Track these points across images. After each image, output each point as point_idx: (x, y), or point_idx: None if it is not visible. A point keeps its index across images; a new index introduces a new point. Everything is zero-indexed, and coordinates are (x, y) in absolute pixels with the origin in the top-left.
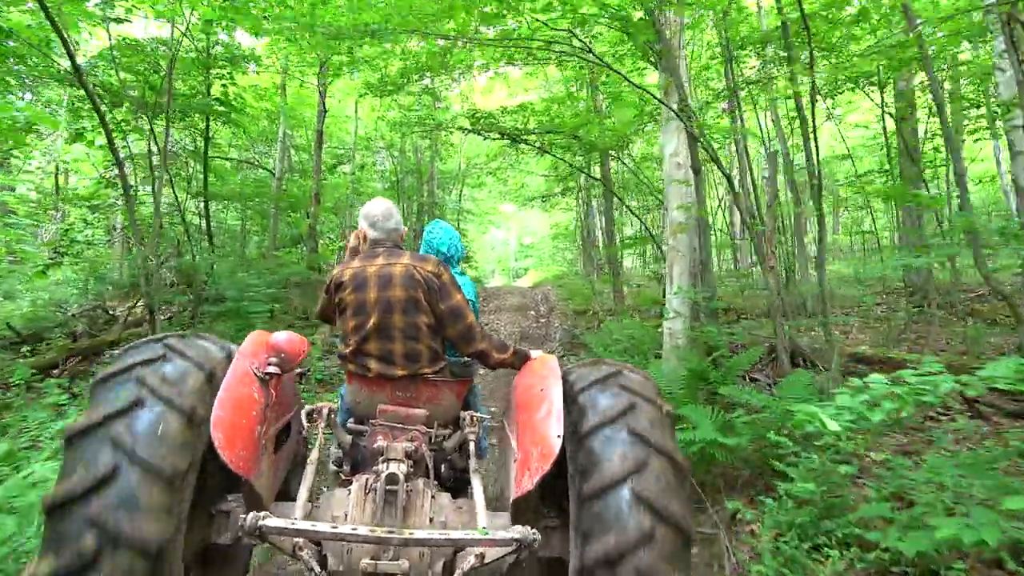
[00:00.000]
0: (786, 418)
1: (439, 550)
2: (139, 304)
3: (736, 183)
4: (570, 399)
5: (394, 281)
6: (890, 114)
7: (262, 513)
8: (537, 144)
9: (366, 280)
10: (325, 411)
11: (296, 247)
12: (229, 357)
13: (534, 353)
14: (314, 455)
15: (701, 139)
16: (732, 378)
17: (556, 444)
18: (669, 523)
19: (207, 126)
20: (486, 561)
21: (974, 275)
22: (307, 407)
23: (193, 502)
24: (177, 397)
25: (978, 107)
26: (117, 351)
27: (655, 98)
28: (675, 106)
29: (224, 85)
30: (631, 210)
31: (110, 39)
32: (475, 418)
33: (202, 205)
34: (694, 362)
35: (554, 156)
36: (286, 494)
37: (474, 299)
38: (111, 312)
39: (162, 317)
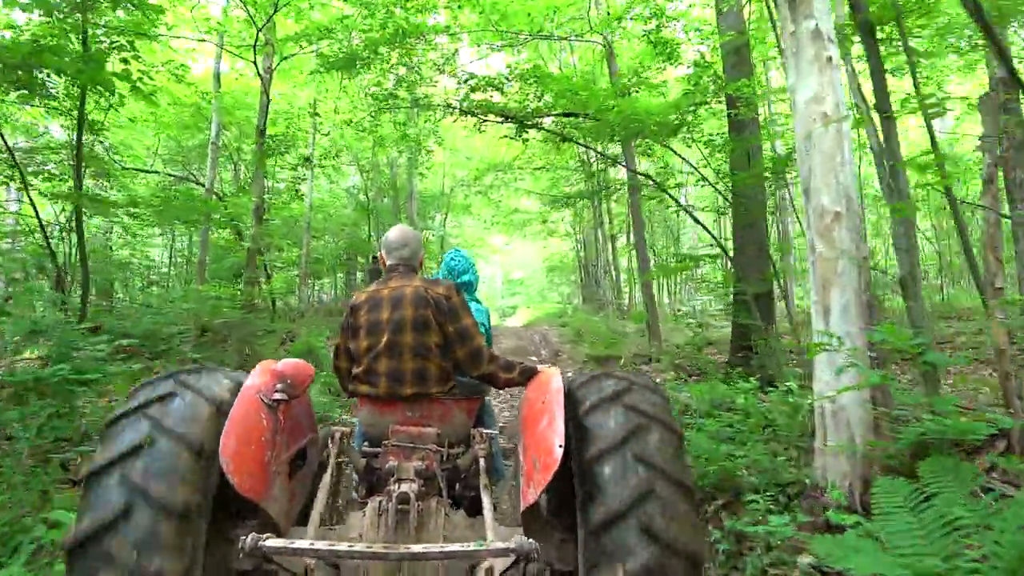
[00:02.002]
0: None
1: (455, 568)
2: None
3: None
4: (575, 420)
5: (405, 301)
6: None
7: (264, 535)
8: (549, 129)
9: (380, 301)
10: (338, 435)
11: (235, 280)
12: (239, 388)
13: (540, 368)
14: (326, 479)
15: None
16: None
17: (558, 453)
18: (679, 554)
19: (82, 100)
20: (496, 575)
21: None
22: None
23: (213, 530)
24: (188, 432)
25: None
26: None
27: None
28: None
29: (125, 59)
30: (689, 213)
31: None
32: (485, 435)
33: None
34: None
35: (580, 144)
36: (305, 520)
37: (487, 325)
38: None
39: None
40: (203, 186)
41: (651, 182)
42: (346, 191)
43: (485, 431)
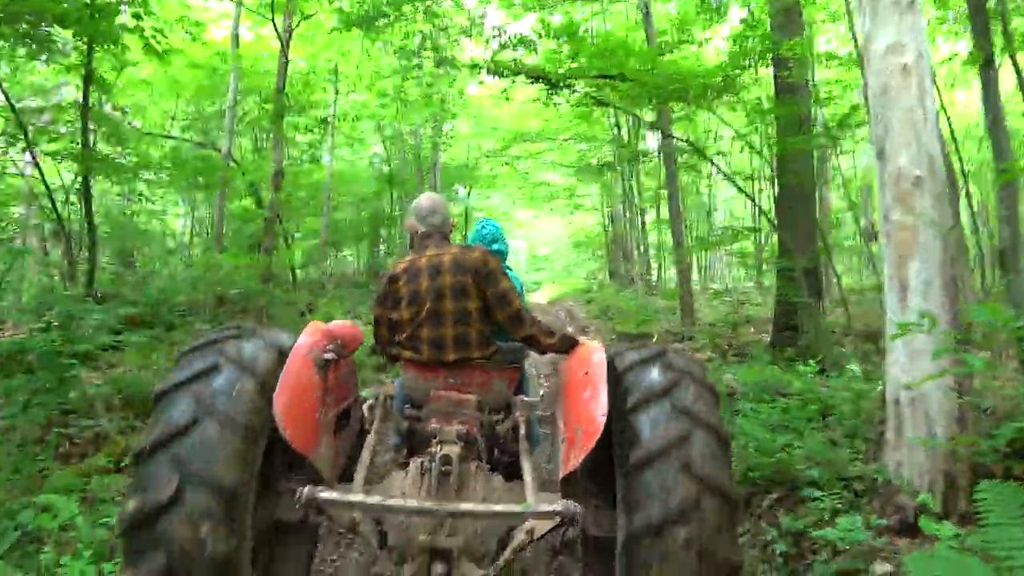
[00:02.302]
0: None
1: (493, 527)
2: None
3: None
4: (615, 379)
5: (444, 269)
6: None
7: (319, 487)
8: (583, 90)
9: (419, 271)
10: (383, 397)
11: (255, 250)
12: (281, 355)
13: (581, 339)
14: (371, 439)
15: None
16: None
17: (600, 422)
18: (715, 491)
19: (88, 54)
20: (536, 537)
21: None
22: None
23: (262, 481)
24: (232, 411)
25: None
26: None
27: None
28: None
29: (137, 14)
30: (732, 181)
31: None
32: (525, 403)
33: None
34: None
35: (616, 107)
36: (349, 478)
37: (521, 293)
38: None
39: None
40: (216, 150)
41: (692, 148)
42: (369, 161)
43: (526, 399)
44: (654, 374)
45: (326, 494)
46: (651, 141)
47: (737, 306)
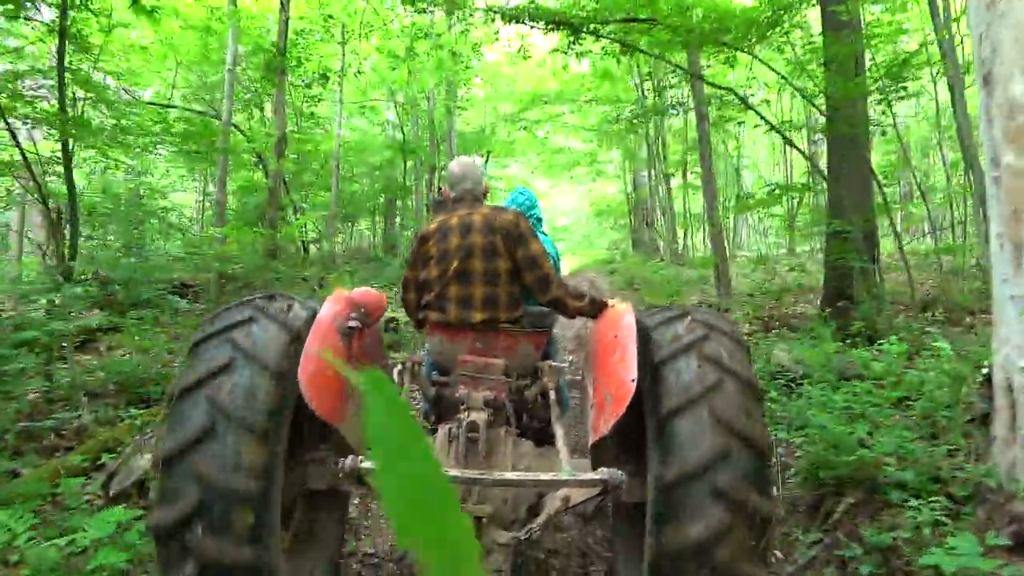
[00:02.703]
0: None
1: (523, 494)
2: None
3: None
4: (644, 338)
5: (474, 228)
6: None
7: (360, 457)
8: (608, 36)
9: (449, 230)
10: (410, 364)
11: (259, 223)
12: (312, 315)
13: (610, 302)
14: None
15: None
16: None
17: (631, 387)
18: (745, 440)
19: (63, 7)
20: (571, 504)
21: None
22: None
23: (290, 452)
24: (266, 356)
25: None
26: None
27: None
28: None
29: None
30: (781, 133)
31: None
32: (553, 367)
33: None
34: None
35: (647, 54)
36: None
37: (555, 256)
38: None
39: None
40: (216, 118)
41: (732, 95)
42: (381, 128)
43: (553, 363)
44: (681, 329)
45: (368, 463)
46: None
47: (772, 274)
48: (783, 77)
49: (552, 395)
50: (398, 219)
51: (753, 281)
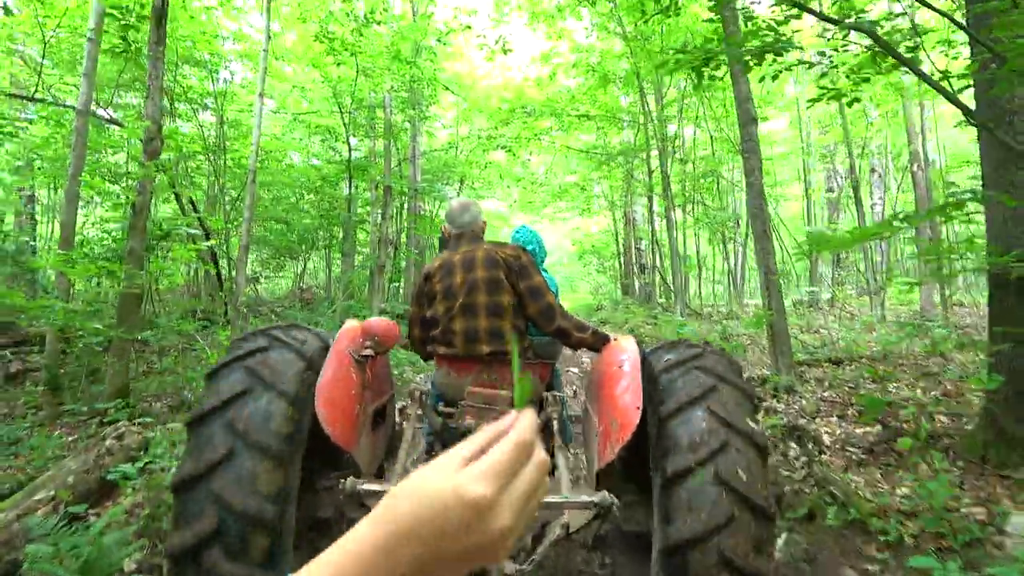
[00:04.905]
0: None
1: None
2: None
3: None
4: (650, 379)
5: (477, 263)
6: None
7: (360, 480)
8: None
9: (453, 266)
10: (417, 394)
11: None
12: (326, 345)
13: (613, 335)
14: (408, 434)
15: None
16: None
17: (636, 415)
18: (750, 505)
19: None
20: (571, 531)
21: None
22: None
23: (302, 480)
24: (282, 382)
25: None
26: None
27: None
28: None
29: None
30: (948, 96)
31: None
32: (555, 398)
33: None
34: None
35: None
36: (382, 474)
37: (555, 290)
38: None
39: None
40: (117, 122)
41: (872, 39)
42: (321, 136)
43: (556, 394)
44: (691, 379)
45: (368, 485)
46: (681, 128)
47: (921, 331)
48: (943, 14)
49: (555, 425)
50: (367, 258)
51: (805, 343)
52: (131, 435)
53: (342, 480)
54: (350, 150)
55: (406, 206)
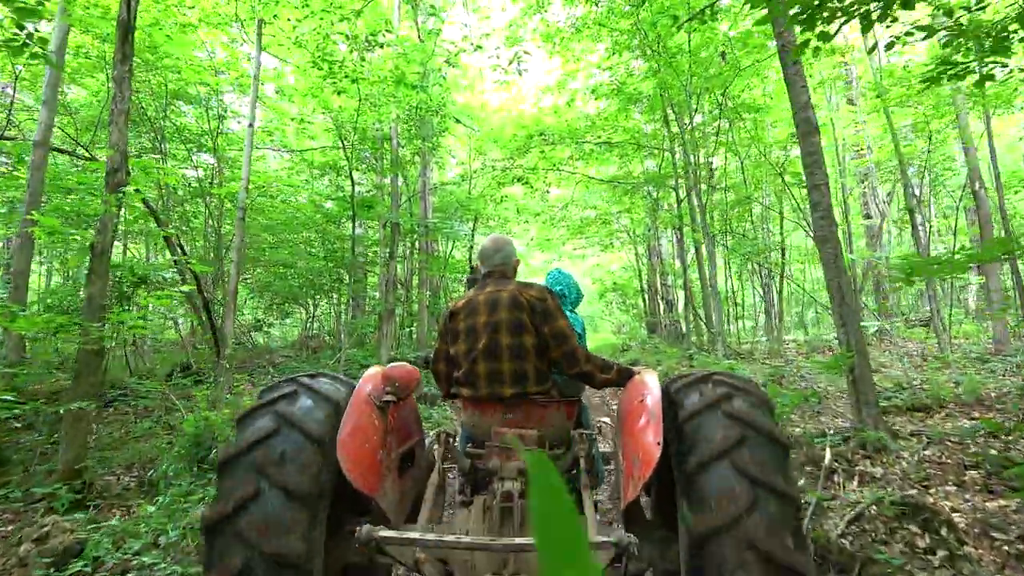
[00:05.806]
0: None
1: None
2: None
3: None
4: (668, 401)
5: (501, 304)
6: None
7: (377, 527)
8: None
9: (477, 306)
10: (443, 436)
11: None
12: (352, 391)
13: (637, 370)
14: (434, 477)
15: None
16: None
17: (656, 451)
18: (772, 492)
19: None
20: None
21: None
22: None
23: (332, 525)
24: (309, 425)
25: None
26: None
27: None
28: None
29: None
30: None
31: None
32: (583, 436)
33: None
34: None
35: None
36: (415, 518)
37: (582, 334)
38: None
39: None
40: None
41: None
42: (320, 170)
43: (584, 432)
44: (705, 389)
45: (383, 532)
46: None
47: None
48: None
49: (583, 463)
50: (374, 302)
51: (888, 391)
52: (60, 534)
53: (358, 528)
54: (353, 185)
55: (416, 245)
